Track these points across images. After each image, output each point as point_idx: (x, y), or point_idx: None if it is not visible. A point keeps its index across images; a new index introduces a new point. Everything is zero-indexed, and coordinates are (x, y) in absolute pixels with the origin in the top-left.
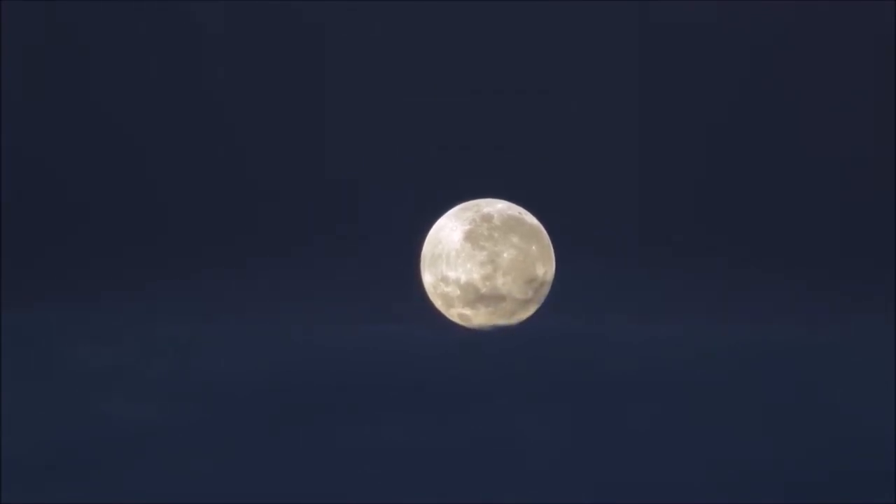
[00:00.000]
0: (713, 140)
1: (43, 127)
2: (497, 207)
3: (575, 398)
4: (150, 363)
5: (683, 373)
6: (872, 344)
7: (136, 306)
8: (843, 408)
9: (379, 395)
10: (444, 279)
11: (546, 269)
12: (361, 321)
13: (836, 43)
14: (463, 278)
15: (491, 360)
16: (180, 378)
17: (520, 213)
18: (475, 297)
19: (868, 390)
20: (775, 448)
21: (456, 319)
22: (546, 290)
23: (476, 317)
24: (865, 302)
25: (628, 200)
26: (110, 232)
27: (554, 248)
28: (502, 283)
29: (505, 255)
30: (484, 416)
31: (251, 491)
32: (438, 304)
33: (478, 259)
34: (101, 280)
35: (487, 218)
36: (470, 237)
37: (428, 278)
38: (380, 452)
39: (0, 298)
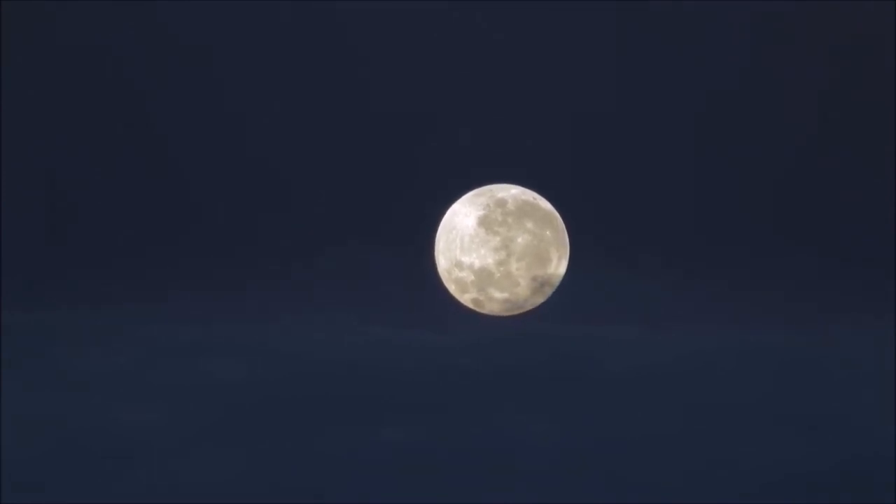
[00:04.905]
0: (712, 149)
1: (44, 128)
2: (511, 193)
3: (574, 398)
4: (154, 366)
5: (682, 374)
6: (868, 347)
7: (141, 309)
8: (838, 408)
9: (380, 396)
10: (459, 264)
11: (560, 254)
12: (367, 322)
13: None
14: (477, 263)
15: (492, 361)
16: (183, 381)
17: (534, 198)
18: (489, 282)
19: (862, 391)
20: (774, 448)
21: (469, 305)
22: (560, 275)
23: (489, 303)
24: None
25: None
26: (114, 236)
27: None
28: (516, 268)
29: (519, 240)
30: (485, 416)
31: (253, 491)
32: (452, 289)
33: (492, 244)
34: (105, 283)
35: (501, 203)
36: (484, 222)
37: (442, 263)
38: (380, 452)
39: (1, 299)
